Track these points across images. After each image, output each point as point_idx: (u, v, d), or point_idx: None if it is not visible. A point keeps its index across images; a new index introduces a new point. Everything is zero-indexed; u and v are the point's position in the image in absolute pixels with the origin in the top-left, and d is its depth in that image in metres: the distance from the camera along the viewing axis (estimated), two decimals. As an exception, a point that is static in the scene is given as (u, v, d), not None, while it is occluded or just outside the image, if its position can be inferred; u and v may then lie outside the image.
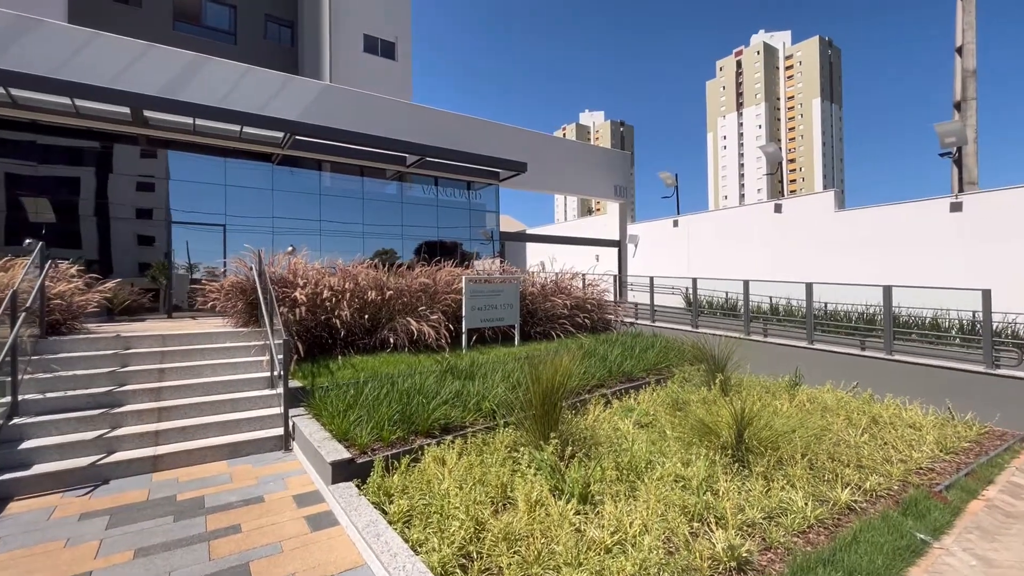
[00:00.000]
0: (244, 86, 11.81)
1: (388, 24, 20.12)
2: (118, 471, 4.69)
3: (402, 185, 14.78)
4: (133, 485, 4.52)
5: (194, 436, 5.27)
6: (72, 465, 4.56)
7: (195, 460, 5.04)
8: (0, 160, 9.79)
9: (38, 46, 9.84)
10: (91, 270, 9.23)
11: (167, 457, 4.92)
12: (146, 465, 4.82)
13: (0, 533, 3.65)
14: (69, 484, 4.44)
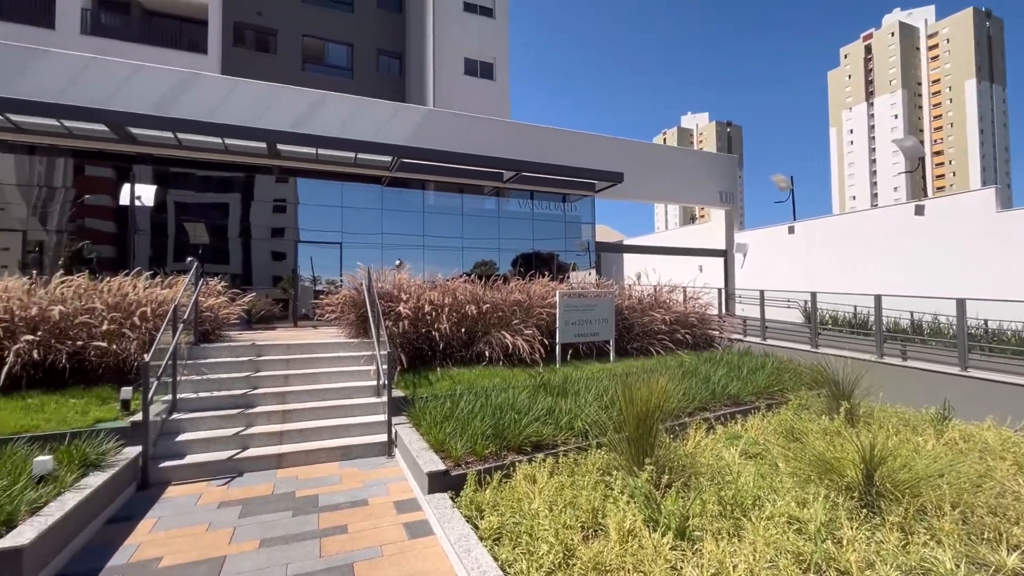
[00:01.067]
0: (359, 116, 12.96)
1: (487, 46, 20.96)
2: (249, 466, 5.32)
3: (499, 200, 15.20)
4: (261, 480, 5.09)
5: (311, 438, 5.82)
6: (214, 458, 5.26)
7: (312, 460, 5.55)
8: (171, 191, 11.70)
9: (198, 97, 11.66)
10: (235, 283, 10.65)
11: (289, 456, 5.48)
12: (272, 462, 5.40)
13: (162, 513, 4.31)
14: (212, 474, 5.12)
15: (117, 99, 10.78)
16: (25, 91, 10.15)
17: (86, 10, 17.09)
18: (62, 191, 11.20)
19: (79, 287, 6.63)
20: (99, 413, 5.28)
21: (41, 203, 11.06)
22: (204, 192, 12.50)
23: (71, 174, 11.25)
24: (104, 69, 11.02)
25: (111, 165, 11.53)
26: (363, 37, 21.59)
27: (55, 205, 11.16)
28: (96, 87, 10.76)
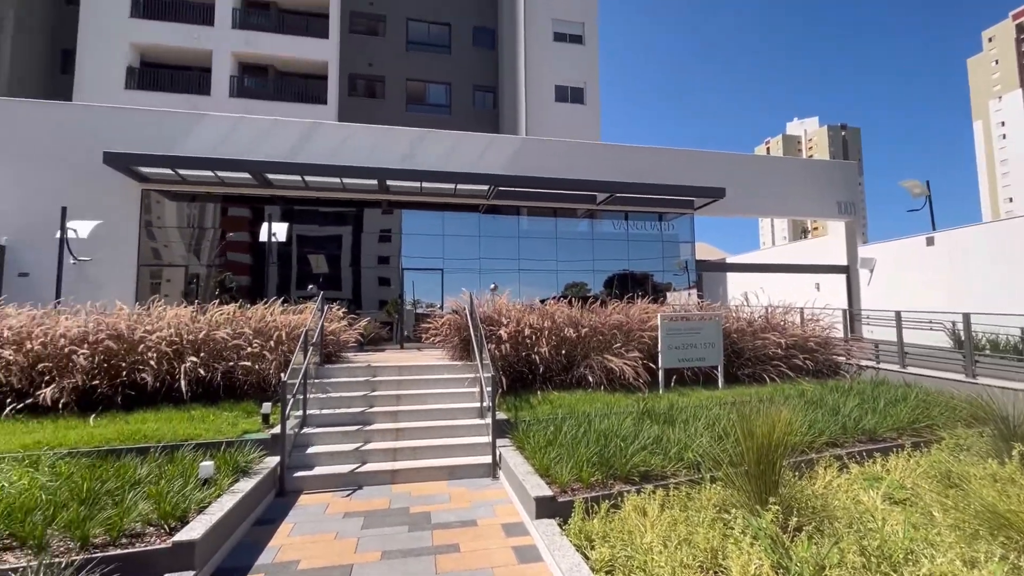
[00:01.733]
0: (458, 149, 13.73)
1: (576, 72, 21.29)
2: (367, 480, 5.70)
3: (592, 222, 15.16)
4: (378, 494, 5.43)
5: (421, 456, 6.11)
6: (338, 471, 5.72)
7: (422, 478, 5.82)
8: (295, 226, 13.17)
9: (321, 143, 13.10)
10: (349, 308, 11.65)
11: (402, 472, 5.80)
12: (387, 477, 5.75)
13: (297, 519, 4.76)
14: (336, 486, 5.57)
15: (258, 150, 12.46)
16: (190, 149, 12.11)
17: (233, 77, 20.12)
18: (211, 231, 13.13)
19: (231, 314, 7.66)
20: (245, 425, 6.00)
21: (195, 242, 13.04)
22: (322, 226, 13.96)
23: (218, 216, 13.18)
24: (248, 126, 12.83)
25: (249, 206, 13.33)
26: (460, 76, 23.01)
27: (206, 243, 13.08)
28: (242, 141, 12.54)
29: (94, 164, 11.17)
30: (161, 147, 11.81)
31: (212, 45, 19.74)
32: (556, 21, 21.27)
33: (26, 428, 5.57)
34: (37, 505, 3.60)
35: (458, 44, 23.29)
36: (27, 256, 11.11)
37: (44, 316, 7.06)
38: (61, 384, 6.20)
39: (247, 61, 20.82)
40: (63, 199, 10.47)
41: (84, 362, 6.30)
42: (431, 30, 23.22)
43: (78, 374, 6.29)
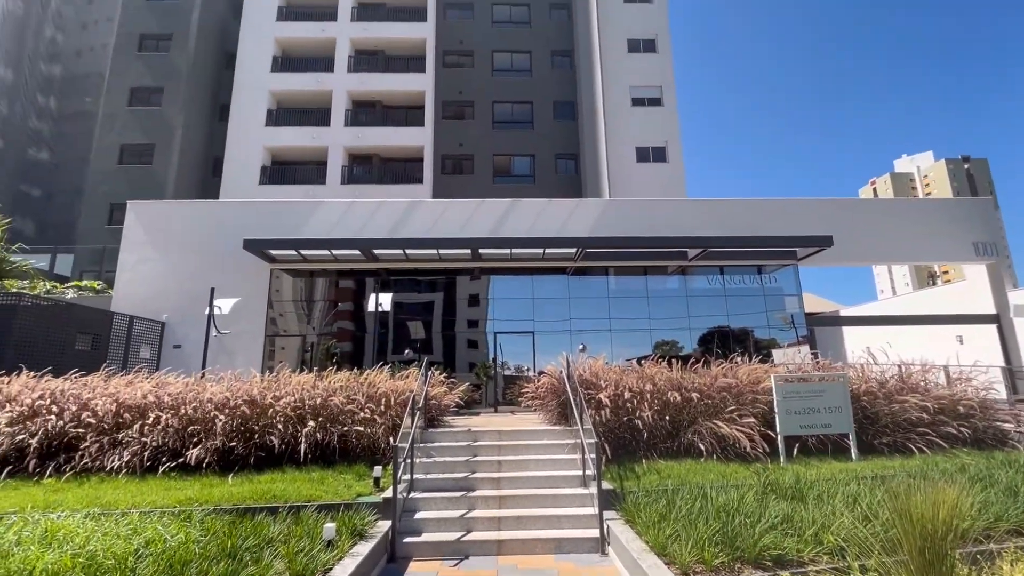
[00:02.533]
0: (545, 215, 14.25)
1: (657, 133, 21.60)
2: (474, 549, 5.63)
3: (685, 278, 14.71)
4: (485, 565, 5.32)
5: (526, 526, 5.95)
6: (445, 538, 5.72)
7: (527, 549, 5.63)
8: (395, 295, 14.14)
9: (419, 219, 14.24)
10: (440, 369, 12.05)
11: (507, 543, 5.67)
12: (492, 548, 5.64)
13: (408, 588, 4.79)
14: (444, 554, 5.55)
15: (366, 229, 13.83)
16: (310, 232, 13.73)
17: (344, 167, 22.85)
18: (321, 303, 14.53)
19: (345, 380, 8.26)
20: (358, 488, 6.27)
21: (307, 313, 14.45)
22: (418, 293, 14.89)
23: (326, 289, 14.59)
24: (357, 209, 14.36)
25: (353, 279, 14.65)
26: (542, 147, 24.29)
27: (316, 313, 14.45)
28: (352, 222, 14.01)
29: (235, 250, 13.01)
30: (287, 232, 13.52)
31: (328, 142, 22.76)
32: (633, 88, 22.02)
33: (179, 485, 6.25)
34: (192, 558, 3.98)
35: (540, 119, 24.79)
36: (180, 331, 12.95)
37: (195, 383, 8.08)
38: (206, 445, 6.95)
39: (355, 152, 23.64)
40: (210, 281, 12.23)
41: (224, 425, 7.06)
42: (514, 109, 25.03)
43: (219, 436, 7.04)
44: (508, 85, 25.27)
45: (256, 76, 23.39)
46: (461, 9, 26.51)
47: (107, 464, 6.67)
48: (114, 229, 19.70)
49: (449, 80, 25.15)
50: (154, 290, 13.30)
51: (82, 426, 7.01)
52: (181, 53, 24.32)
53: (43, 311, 10.50)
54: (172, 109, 23.70)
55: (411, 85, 23.71)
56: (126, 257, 13.69)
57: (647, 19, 22.85)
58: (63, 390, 7.54)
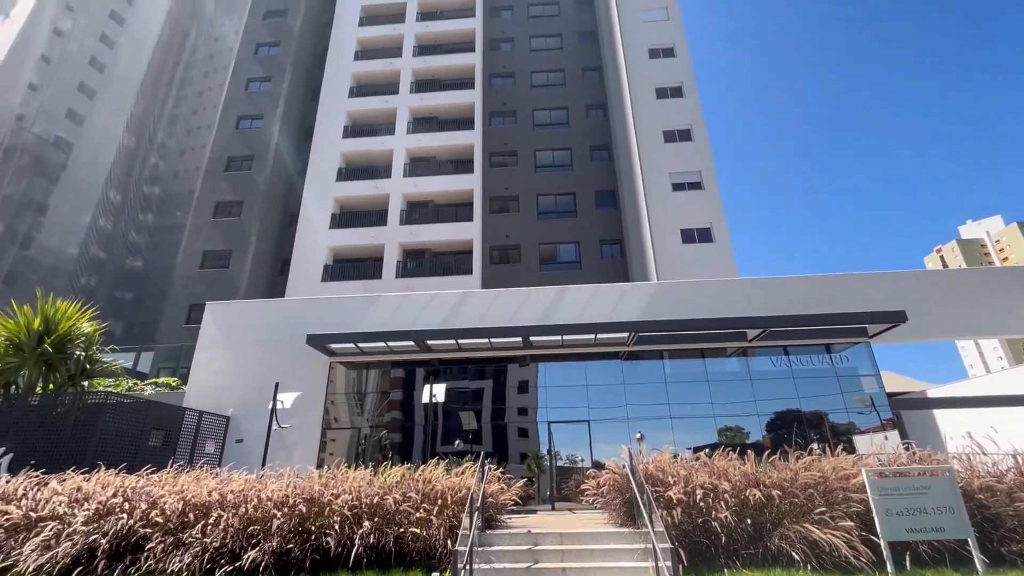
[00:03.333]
0: (595, 301, 14.28)
1: (700, 214, 21.83)
2: (541, 676, 5.05)
3: (746, 360, 14.01)
4: None
5: (598, 649, 5.33)
6: (509, 661, 5.18)
7: None
8: (446, 383, 14.13)
9: (471, 309, 14.61)
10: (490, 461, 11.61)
11: (578, 670, 5.06)
12: (562, 675, 5.04)
13: None
14: None
15: (420, 320, 14.27)
16: (367, 326, 14.30)
17: (399, 262, 24.19)
18: (373, 394, 14.72)
19: (400, 476, 8.11)
20: (416, 598, 5.90)
21: (360, 405, 14.62)
22: (467, 381, 14.85)
23: (379, 380, 14.82)
24: (411, 302, 14.95)
25: (403, 368, 14.88)
26: (586, 234, 24.98)
27: (369, 405, 14.59)
28: (407, 315, 14.53)
29: (297, 345, 13.66)
30: (347, 326, 14.14)
31: (385, 240, 24.38)
32: (673, 174, 22.72)
33: (235, 592, 6.11)
34: None
35: (583, 208, 25.77)
36: (244, 424, 13.35)
37: (256, 480, 8.16)
38: (263, 547, 6.85)
39: (409, 248, 25.11)
40: (273, 375, 12.77)
41: (282, 525, 6.98)
42: (557, 200, 26.23)
43: (276, 537, 6.94)
44: (551, 179, 26.72)
45: (323, 185, 25.97)
46: (505, 116, 29.00)
47: (169, 566, 6.66)
48: (191, 328, 21.30)
49: (495, 177, 26.93)
50: (222, 385, 13.98)
51: (150, 525, 7.13)
52: (259, 171, 27.56)
53: (124, 409, 11.19)
54: (249, 218, 26.41)
55: (461, 185, 25.51)
56: (200, 355, 14.63)
57: (681, 112, 24.08)
58: (135, 487, 7.78)
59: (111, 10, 41.30)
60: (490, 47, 31.02)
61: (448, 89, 28.44)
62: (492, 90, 29.58)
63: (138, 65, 43.17)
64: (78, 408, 10.62)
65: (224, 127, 29.16)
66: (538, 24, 31.56)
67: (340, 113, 27.92)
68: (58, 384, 11.45)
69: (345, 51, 29.79)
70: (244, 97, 29.60)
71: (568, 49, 30.53)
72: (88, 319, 12.12)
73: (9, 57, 34.26)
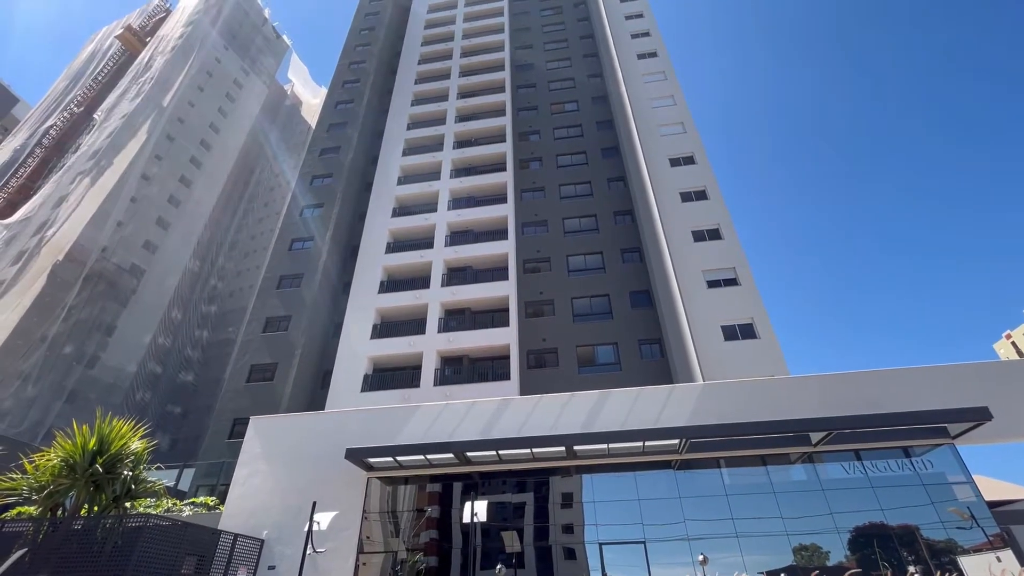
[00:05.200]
0: (639, 405, 13.71)
1: (740, 310, 21.44)
2: None
3: (814, 466, 12.78)
4: None
5: None
6: None
7: None
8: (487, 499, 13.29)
9: (509, 417, 14.22)
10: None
11: None
12: None
13: None
14: None
15: (459, 431, 13.92)
16: (405, 438, 14.02)
17: (437, 369, 24.28)
18: (410, 513, 13.96)
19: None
20: None
21: (395, 524, 13.81)
22: (507, 495, 13.97)
23: (417, 497, 14.13)
24: (450, 411, 14.73)
25: (442, 484, 14.21)
26: (624, 335, 24.71)
27: (405, 525, 13.78)
28: (446, 425, 14.24)
29: (335, 459, 13.42)
30: (385, 438, 13.91)
31: (423, 348, 24.76)
32: (706, 272, 22.79)
33: None
34: None
35: (618, 308, 25.80)
36: (277, 548, 12.74)
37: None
38: None
39: (447, 355, 25.32)
40: (310, 494, 12.42)
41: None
42: (592, 302, 26.45)
43: None
44: (584, 282, 27.22)
45: (365, 298, 27.26)
46: (536, 226, 30.57)
47: None
48: (233, 443, 21.38)
49: (529, 284, 27.67)
50: (259, 505, 13.63)
51: (174, 671, 6.59)
52: (308, 288, 29.35)
53: (162, 532, 10.96)
54: (296, 332, 27.59)
55: (496, 292, 26.26)
56: (240, 471, 14.51)
57: (707, 213, 24.81)
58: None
59: (191, 156, 47.76)
60: (520, 166, 33.70)
61: (482, 205, 30.55)
62: (524, 203, 31.55)
63: (209, 200, 48.74)
64: (119, 532, 10.46)
65: (279, 248, 31.77)
66: (563, 144, 34.39)
67: (383, 230, 30.15)
68: (103, 506, 11.42)
69: (389, 177, 32.98)
70: (298, 222, 32.56)
71: (592, 163, 32.79)
72: (139, 437, 12.39)
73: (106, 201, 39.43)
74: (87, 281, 36.95)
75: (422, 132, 35.51)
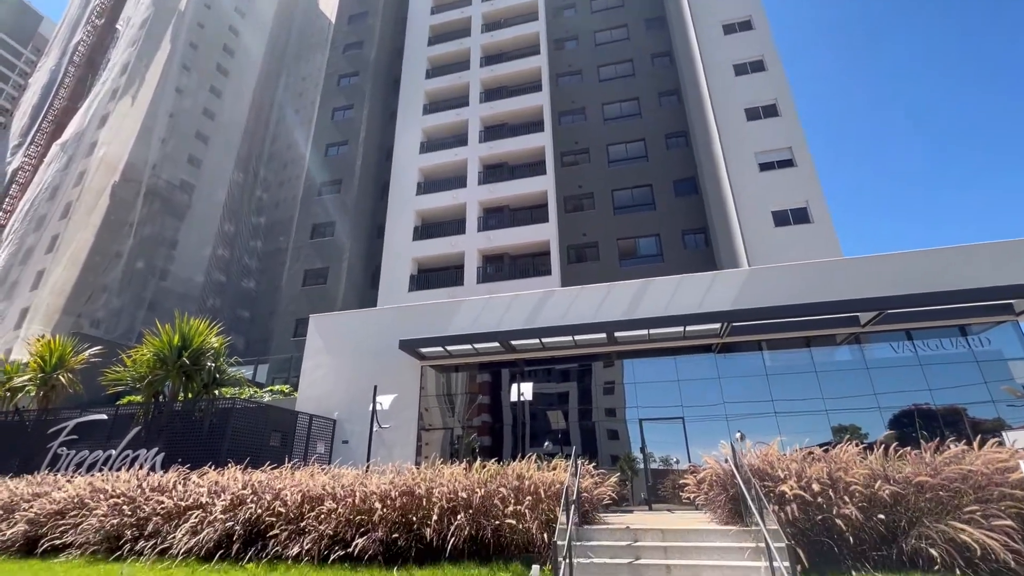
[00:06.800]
0: (681, 292, 13.68)
1: (793, 193, 20.17)
2: (651, 674, 4.86)
3: (861, 347, 12.66)
4: None
5: (711, 650, 5.04)
6: (616, 656, 5.05)
7: None
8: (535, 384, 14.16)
9: (552, 308, 14.57)
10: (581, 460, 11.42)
11: (691, 670, 4.81)
12: (674, 674, 4.82)
13: None
14: (617, 677, 4.87)
15: (503, 322, 14.49)
16: (453, 329, 14.75)
17: (479, 268, 24.80)
18: (463, 396, 15.15)
19: (493, 471, 8.25)
20: (517, 590, 5.95)
21: (451, 407, 15.09)
22: (553, 383, 14.81)
23: (468, 383, 15.23)
24: (495, 304, 15.23)
25: (490, 372, 15.16)
26: (667, 225, 24.02)
27: (459, 407, 15.03)
28: (490, 317, 14.82)
29: (391, 350, 14.41)
30: (434, 331, 14.69)
31: (464, 248, 25.14)
32: (759, 154, 21.22)
33: None
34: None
35: (661, 199, 24.83)
36: (348, 427, 14.33)
37: (362, 475, 8.70)
38: (371, 536, 7.27)
39: (488, 253, 25.67)
40: (371, 380, 13.57)
41: (384, 515, 7.38)
42: (634, 193, 25.50)
43: (381, 528, 7.34)
44: (625, 172, 26.06)
45: (404, 200, 27.39)
46: (574, 115, 28.80)
47: (290, 551, 7.28)
48: (297, 340, 23.30)
49: (568, 177, 26.78)
50: (327, 391, 15.13)
51: (274, 514, 7.84)
52: (347, 193, 29.65)
53: (248, 413, 12.48)
54: (342, 236, 28.47)
55: (534, 187, 25.68)
56: (307, 364, 15.96)
57: (763, 86, 22.46)
58: (260, 481, 8.62)
59: (217, 63, 46.72)
60: (555, 47, 31.03)
61: (515, 95, 28.81)
62: (560, 89, 29.52)
63: (241, 110, 48.39)
64: (212, 413, 12.03)
65: (315, 155, 31.78)
66: (602, 17, 31.07)
67: (416, 130, 29.32)
68: (195, 393, 13.01)
69: (417, 72, 31.31)
70: (331, 126, 32.06)
71: (635, 38, 29.72)
72: (215, 334, 13.67)
73: (146, 118, 39.94)
74: (145, 199, 38.76)
75: (447, 16, 32.82)
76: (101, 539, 8.01)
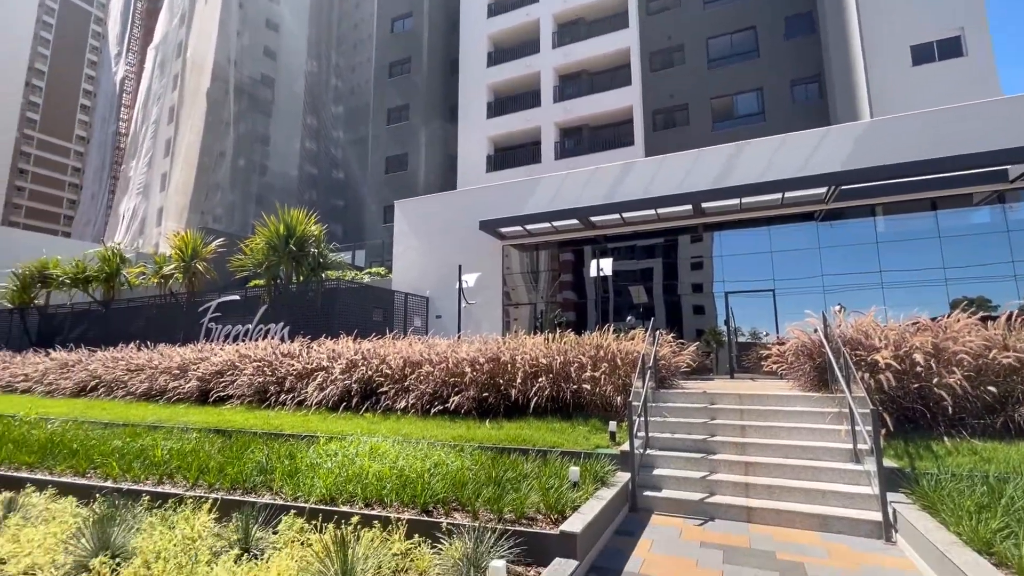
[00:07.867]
0: (781, 154, 12.26)
1: (944, 17, 16.22)
2: (718, 512, 5.33)
3: (1003, 208, 10.89)
4: (734, 529, 4.99)
5: (779, 497, 5.35)
6: (686, 497, 5.56)
7: (783, 522, 5.06)
8: (614, 262, 14.09)
9: (633, 180, 13.83)
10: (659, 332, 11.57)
11: (758, 512, 5.19)
12: (741, 514, 5.24)
13: (654, 537, 4.83)
14: (686, 513, 5.41)
15: (583, 198, 14.11)
16: (531, 208, 14.70)
17: (556, 142, 23.71)
18: (546, 273, 15.51)
19: (573, 341, 8.69)
20: (596, 440, 6.56)
21: (535, 283, 15.60)
22: (637, 259, 14.58)
23: (550, 261, 15.46)
24: (572, 179, 14.75)
25: (571, 249, 15.19)
26: (772, 76, 20.78)
27: (542, 284, 15.49)
28: (569, 193, 14.47)
29: (472, 231, 14.83)
30: (513, 210, 14.75)
31: (540, 121, 23.92)
32: (902, -31, 16.90)
33: (449, 425, 7.57)
34: (467, 480, 4.78)
35: (767, 43, 21.18)
36: (440, 304, 15.52)
37: (454, 343, 9.60)
38: (466, 394, 8.21)
39: (565, 126, 24.27)
40: (457, 260, 14.27)
41: (472, 378, 8.22)
42: (733, 40, 21.94)
43: (472, 388, 8.22)
44: (724, 15, 22.22)
45: (475, 75, 25.99)
46: (663, -53, 24.32)
47: (398, 405, 8.48)
48: (387, 226, 24.67)
49: (654, 28, 23.47)
50: (419, 272, 16.22)
51: (382, 376, 9.04)
52: (418, 72, 28.61)
53: (352, 292, 13.90)
54: (416, 120, 28.20)
55: (615, 45, 23.01)
56: (397, 247, 17.03)
57: None
58: (368, 349, 9.84)
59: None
60: None
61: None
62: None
63: (304, -10, 46.71)
64: (321, 293, 13.56)
65: (382, 33, 30.47)
66: None
67: (482, -9, 26.69)
68: (305, 276, 14.60)
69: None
70: None
71: None
72: (313, 223, 14.85)
73: (222, 11, 40.10)
74: (235, 97, 40.44)
75: None
76: (252, 392, 9.84)
